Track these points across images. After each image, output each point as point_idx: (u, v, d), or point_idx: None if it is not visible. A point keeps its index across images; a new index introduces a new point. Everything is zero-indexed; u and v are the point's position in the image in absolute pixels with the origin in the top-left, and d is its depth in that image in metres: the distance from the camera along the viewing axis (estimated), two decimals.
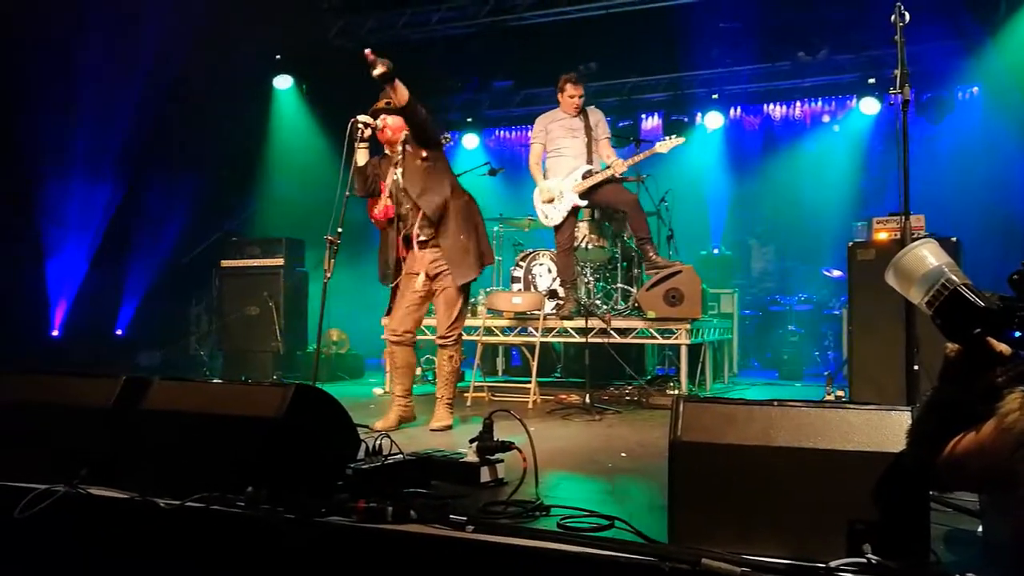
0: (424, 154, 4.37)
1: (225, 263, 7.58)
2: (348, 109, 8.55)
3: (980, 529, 2.24)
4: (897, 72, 3.28)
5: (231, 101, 8.05)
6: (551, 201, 6.18)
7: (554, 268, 6.62)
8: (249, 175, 8.62)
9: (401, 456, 2.81)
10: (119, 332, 7.82)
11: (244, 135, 8.60)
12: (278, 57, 9.02)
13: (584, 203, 6.10)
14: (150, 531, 2.54)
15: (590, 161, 6.16)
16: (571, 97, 6.17)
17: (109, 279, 7.67)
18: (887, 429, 2.04)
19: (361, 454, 2.87)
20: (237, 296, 7.40)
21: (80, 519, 2.63)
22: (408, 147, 4.41)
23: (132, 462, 2.77)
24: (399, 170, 4.43)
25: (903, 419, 2.01)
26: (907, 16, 3.38)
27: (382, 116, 4.38)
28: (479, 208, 4.61)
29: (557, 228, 6.23)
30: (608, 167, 6.04)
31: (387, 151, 4.49)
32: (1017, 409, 1.56)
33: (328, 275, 4.07)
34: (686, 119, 9.30)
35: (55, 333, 7.36)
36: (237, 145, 8.38)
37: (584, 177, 6.09)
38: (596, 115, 6.31)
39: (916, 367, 3.19)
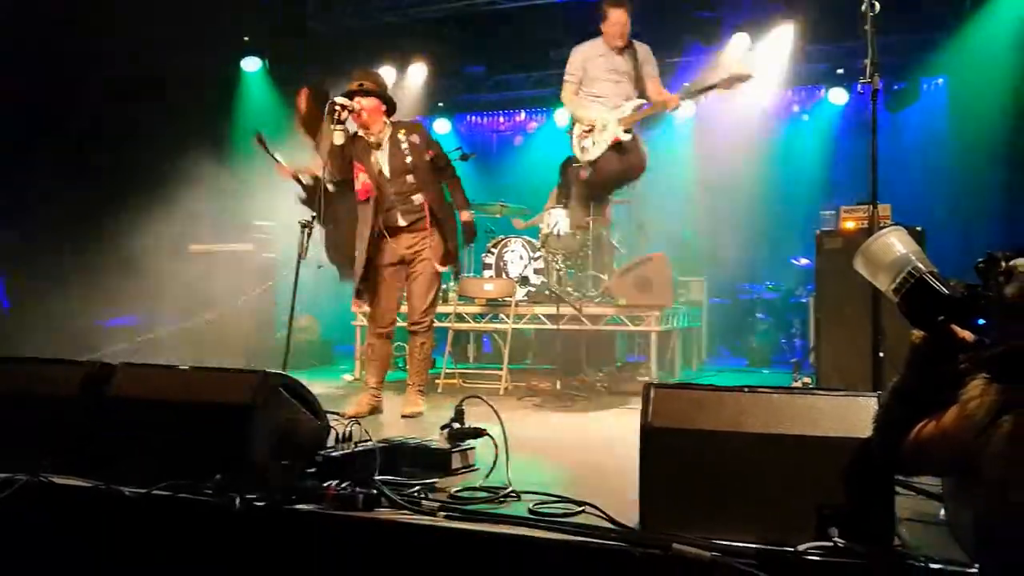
0: (431, 154, 4.47)
1: (194, 248, 7.46)
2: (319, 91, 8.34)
3: (942, 513, 2.29)
4: (867, 62, 3.31)
5: (197, 83, 7.90)
6: (590, 131, 5.56)
7: (525, 254, 6.61)
8: (214, 158, 8.48)
9: (371, 443, 2.80)
10: None
11: (210, 117, 8.44)
12: (246, 39, 8.86)
13: (628, 137, 5.43)
14: (116, 520, 2.50)
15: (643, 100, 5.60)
16: (614, 25, 5.40)
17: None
18: (854, 415, 2.07)
19: (331, 441, 2.86)
20: (208, 281, 7.28)
21: (43, 508, 2.58)
22: (411, 139, 4.43)
23: (97, 450, 2.72)
24: (383, 155, 4.41)
25: (870, 405, 2.04)
26: (877, 6, 3.42)
27: (357, 98, 4.34)
28: None
29: (591, 163, 5.63)
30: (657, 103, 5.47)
31: (361, 133, 4.45)
32: (978, 396, 1.59)
33: (304, 257, 4.03)
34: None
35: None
36: (203, 127, 8.23)
37: (635, 110, 5.50)
38: (643, 50, 5.56)
39: (882, 354, 3.25)
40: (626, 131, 5.42)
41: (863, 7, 3.45)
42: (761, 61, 7.99)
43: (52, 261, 6.91)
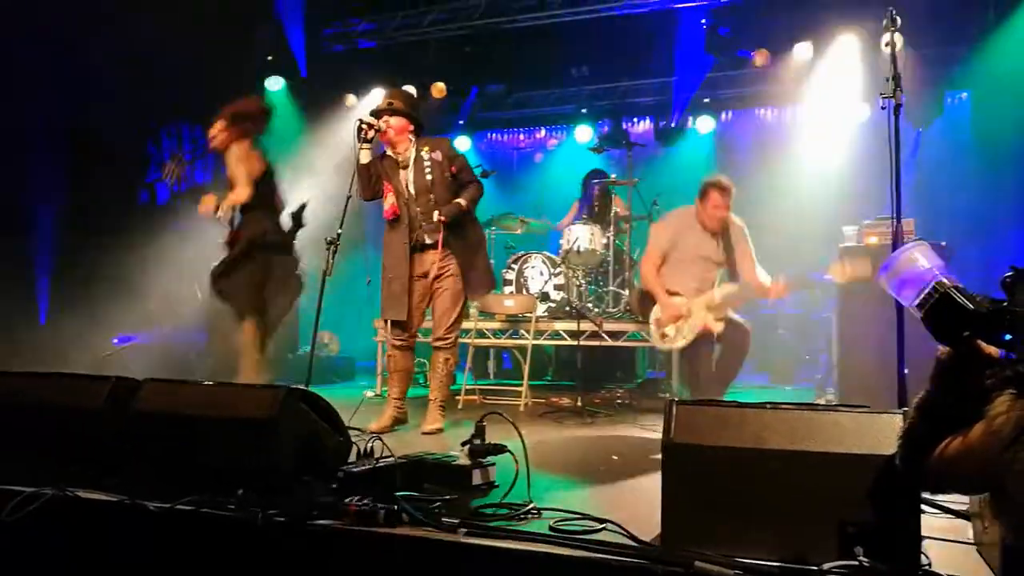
0: (453, 169, 4.45)
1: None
2: (340, 111, 8.50)
3: (970, 532, 2.25)
4: (889, 77, 3.29)
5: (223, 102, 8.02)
6: (677, 319, 4.90)
7: (545, 270, 6.62)
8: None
9: (392, 459, 2.80)
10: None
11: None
12: (269, 58, 8.99)
13: (720, 328, 4.77)
14: (140, 535, 2.52)
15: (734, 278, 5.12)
16: (716, 209, 4.90)
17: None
18: (879, 432, 2.04)
19: (352, 457, 2.87)
20: None
21: (69, 522, 2.61)
22: (433, 156, 4.43)
23: (122, 464, 2.75)
24: (409, 174, 4.44)
25: (895, 422, 2.02)
26: (899, 21, 3.40)
27: (385, 117, 4.39)
28: None
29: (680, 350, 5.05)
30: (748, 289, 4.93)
31: (389, 152, 4.49)
32: (1005, 411, 1.57)
33: (329, 274, 4.06)
34: (677, 123, 9.34)
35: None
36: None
37: (726, 298, 4.91)
38: (738, 228, 5.04)
39: (907, 371, 3.21)
40: (719, 319, 4.80)
41: (884, 21, 3.44)
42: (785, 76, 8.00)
43: (77, 276, 7.03)
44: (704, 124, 9.23)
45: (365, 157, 4.40)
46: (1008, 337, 1.70)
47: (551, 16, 8.14)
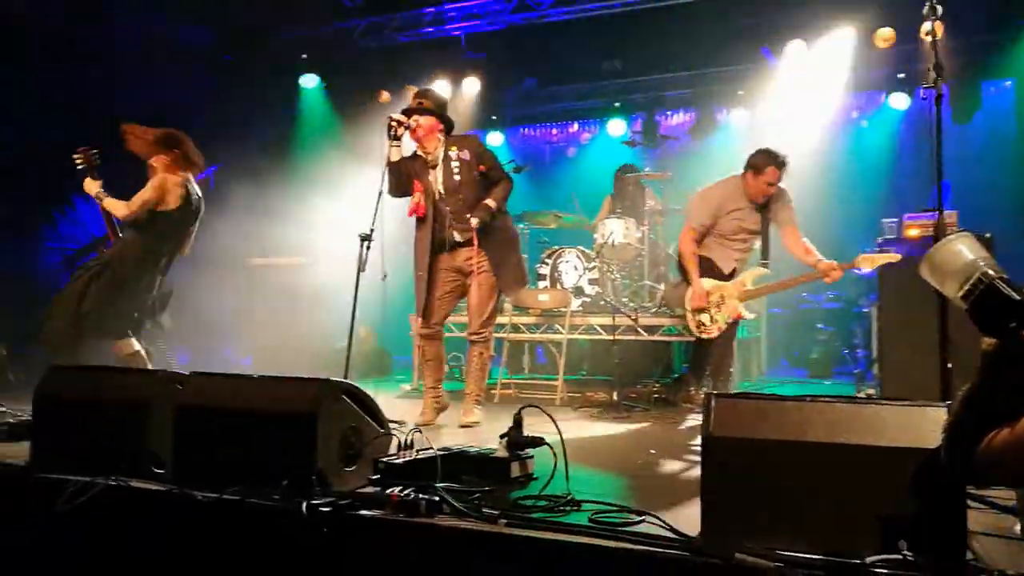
0: (482, 168, 4.46)
1: (254, 262, 7.67)
2: (373, 108, 8.55)
3: (1018, 527, 2.22)
4: (930, 66, 3.24)
5: (259, 100, 8.14)
6: (702, 310, 4.92)
7: (579, 264, 6.62)
8: (276, 173, 8.70)
9: (432, 451, 2.84)
10: None
11: (272, 134, 8.68)
12: (304, 56, 9.09)
13: (752, 316, 4.93)
14: (188, 523, 2.59)
15: (765, 258, 5.01)
16: (765, 184, 4.83)
17: None
18: (922, 425, 2.03)
19: (392, 449, 2.91)
20: (267, 293, 7.49)
21: (120, 511, 2.68)
22: (461, 156, 4.45)
23: (170, 456, 2.82)
24: (439, 173, 4.47)
25: (939, 415, 2.00)
26: (939, 10, 3.35)
27: (415, 116, 4.42)
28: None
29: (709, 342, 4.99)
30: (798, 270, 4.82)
31: (419, 151, 4.53)
32: None
33: (363, 269, 4.11)
34: (712, 116, 9.27)
35: None
36: (264, 144, 8.47)
37: (757, 282, 4.89)
38: (782, 195, 4.93)
39: (950, 364, 3.16)
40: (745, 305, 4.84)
41: (925, 10, 3.38)
42: (818, 66, 7.89)
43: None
44: (739, 117, 9.15)
45: (395, 155, 4.44)
46: None
47: (582, 10, 8.13)
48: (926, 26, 3.43)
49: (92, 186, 4.82)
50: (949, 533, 1.94)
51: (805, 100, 8.46)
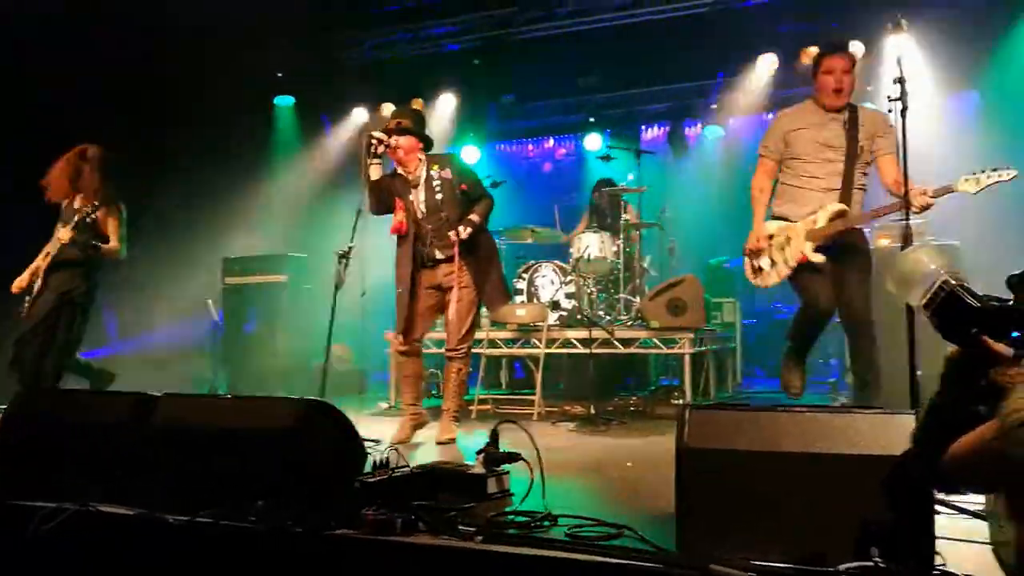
0: (464, 187, 4.48)
1: (228, 280, 7.62)
2: (350, 125, 8.48)
3: (986, 532, 2.25)
4: (896, 80, 3.31)
5: (232, 120, 8.10)
6: (758, 253, 4.28)
7: (556, 279, 6.64)
8: (252, 193, 8.66)
9: (408, 469, 2.82)
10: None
11: (246, 153, 8.65)
12: (279, 75, 9.08)
13: (821, 259, 4.01)
14: (160, 548, 2.55)
15: (847, 194, 4.02)
16: (827, 74, 4.01)
17: None
18: (892, 433, 2.05)
19: (368, 467, 2.89)
20: (240, 313, 7.43)
21: (91, 537, 2.64)
22: (443, 175, 4.47)
23: (142, 479, 2.78)
24: (420, 193, 4.48)
25: (908, 422, 2.02)
26: (904, 24, 3.42)
27: (395, 136, 4.43)
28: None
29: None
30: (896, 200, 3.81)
31: (400, 170, 4.53)
32: (1019, 408, 1.58)
33: (341, 286, 4.10)
34: (687, 130, 9.36)
35: None
36: (240, 163, 8.43)
37: (832, 219, 4.00)
38: (874, 117, 4.08)
39: (920, 372, 3.21)
40: (818, 248, 4.01)
41: (891, 25, 3.46)
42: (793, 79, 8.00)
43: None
44: (713, 131, 9.26)
45: (375, 172, 4.44)
46: (1016, 334, 1.70)
47: (559, 26, 8.21)
48: (892, 40, 3.50)
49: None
50: (918, 540, 1.96)
51: (774, 114, 8.57)
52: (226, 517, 2.48)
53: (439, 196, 4.45)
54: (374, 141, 4.36)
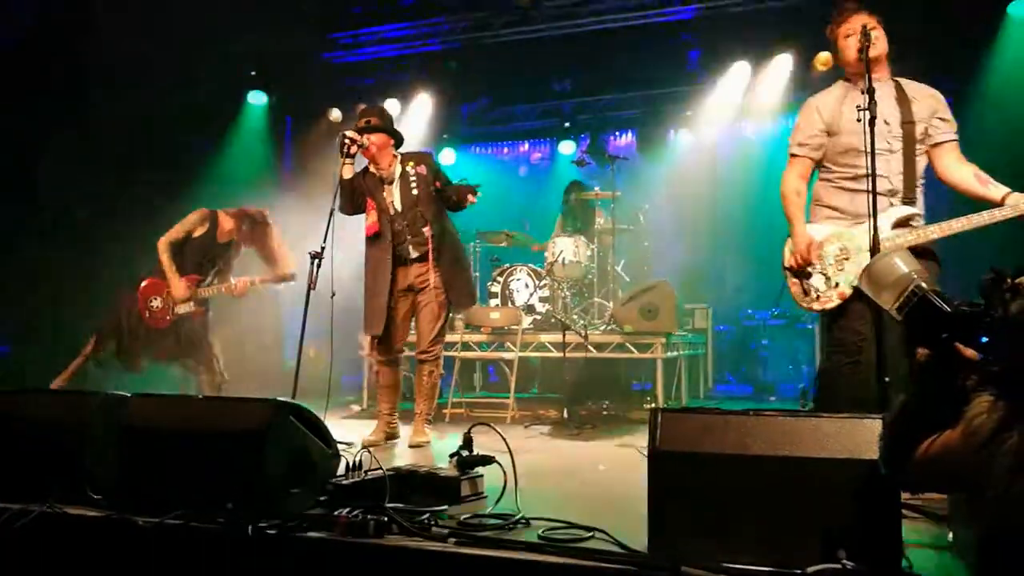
0: (438, 184, 4.48)
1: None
2: (323, 125, 8.44)
3: (950, 536, 2.30)
4: (863, 90, 3.36)
5: (202, 117, 8.02)
6: (805, 270, 3.31)
7: (531, 283, 6.66)
8: (220, 193, 8.57)
9: (381, 471, 2.81)
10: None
11: (215, 151, 8.55)
12: (252, 73, 9.00)
13: None
14: (128, 550, 2.52)
15: (911, 193, 3.23)
16: (848, 37, 3.33)
17: None
18: (860, 437, 2.09)
19: (341, 470, 2.87)
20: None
21: (56, 539, 2.59)
22: (419, 171, 4.47)
23: (111, 480, 2.74)
24: (395, 190, 4.47)
25: (875, 427, 2.06)
26: (873, 36, 3.47)
27: (367, 135, 4.42)
28: None
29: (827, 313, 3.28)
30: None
31: (372, 168, 4.52)
32: (984, 412, 1.61)
33: (313, 287, 4.07)
34: (660, 136, 9.44)
35: None
36: (208, 161, 8.34)
37: (899, 224, 3.19)
38: (922, 91, 3.34)
39: (888, 379, 3.25)
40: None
41: (860, 36, 3.51)
42: (760, 88, 8.10)
43: (48, 291, 6.94)
44: (686, 137, 9.34)
45: (348, 172, 4.44)
46: (985, 340, 1.74)
47: (534, 31, 8.23)
48: (861, 51, 3.54)
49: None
50: (885, 542, 2.00)
51: (748, 121, 8.68)
52: (196, 519, 2.45)
53: (415, 192, 4.45)
54: (347, 141, 4.35)
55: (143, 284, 5.17)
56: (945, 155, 3.29)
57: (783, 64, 7.95)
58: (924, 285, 1.87)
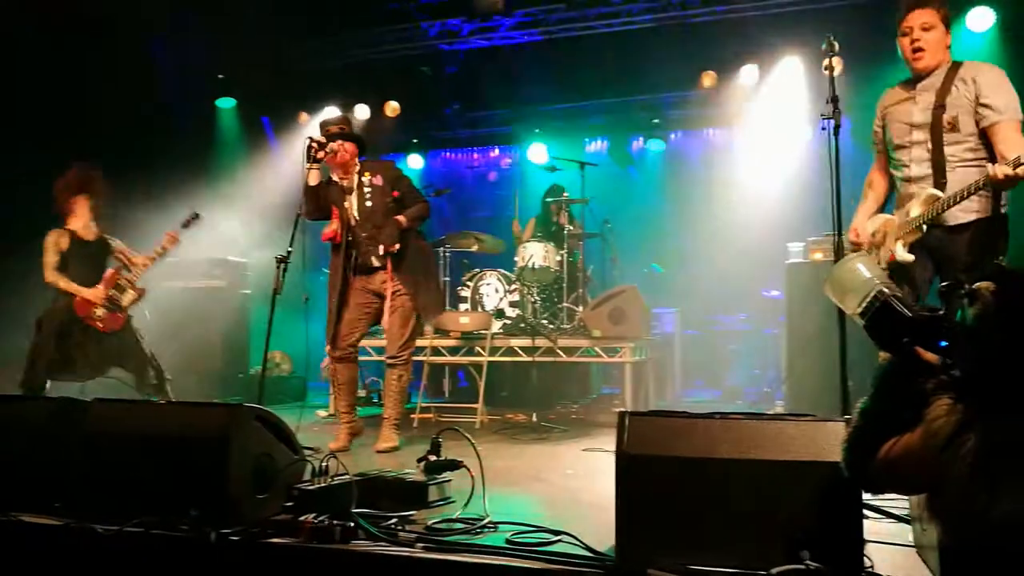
0: (395, 194, 4.47)
1: (164, 284, 7.41)
2: (293, 129, 8.40)
3: (910, 536, 2.33)
4: (829, 98, 3.42)
5: (172, 121, 7.92)
6: (860, 248, 3.50)
7: (500, 287, 6.65)
8: (191, 196, 8.45)
9: (348, 476, 2.79)
10: None
11: (185, 155, 8.44)
12: (220, 77, 8.91)
13: (910, 258, 3.23)
14: (89, 559, 2.46)
15: (941, 178, 3.23)
16: (903, 36, 3.35)
17: None
18: (823, 439, 2.11)
19: (307, 475, 2.84)
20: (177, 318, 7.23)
21: (15, 548, 2.53)
22: (374, 181, 4.47)
23: (71, 487, 2.68)
24: (354, 199, 4.48)
25: (838, 429, 2.09)
26: (836, 45, 3.54)
27: (338, 141, 4.40)
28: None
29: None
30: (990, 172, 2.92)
31: (335, 177, 4.50)
32: (943, 415, 1.64)
33: (279, 292, 4.03)
34: (630, 142, 9.51)
35: None
36: (178, 165, 8.23)
37: (925, 206, 3.22)
38: (976, 72, 3.22)
39: (851, 383, 3.31)
40: (912, 248, 3.26)
41: (824, 46, 3.57)
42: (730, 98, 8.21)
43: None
44: (655, 144, 9.41)
45: (314, 178, 4.43)
46: (945, 344, 1.78)
47: (504, 37, 8.25)
48: (826, 61, 3.61)
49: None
50: (847, 543, 2.03)
51: (719, 129, 8.78)
52: (158, 526, 2.41)
53: (369, 203, 4.46)
54: (314, 146, 4.33)
55: (76, 302, 4.98)
56: (995, 139, 3.14)
57: (749, 74, 8.07)
58: (886, 290, 1.90)
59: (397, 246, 4.39)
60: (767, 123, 8.42)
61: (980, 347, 1.66)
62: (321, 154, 4.35)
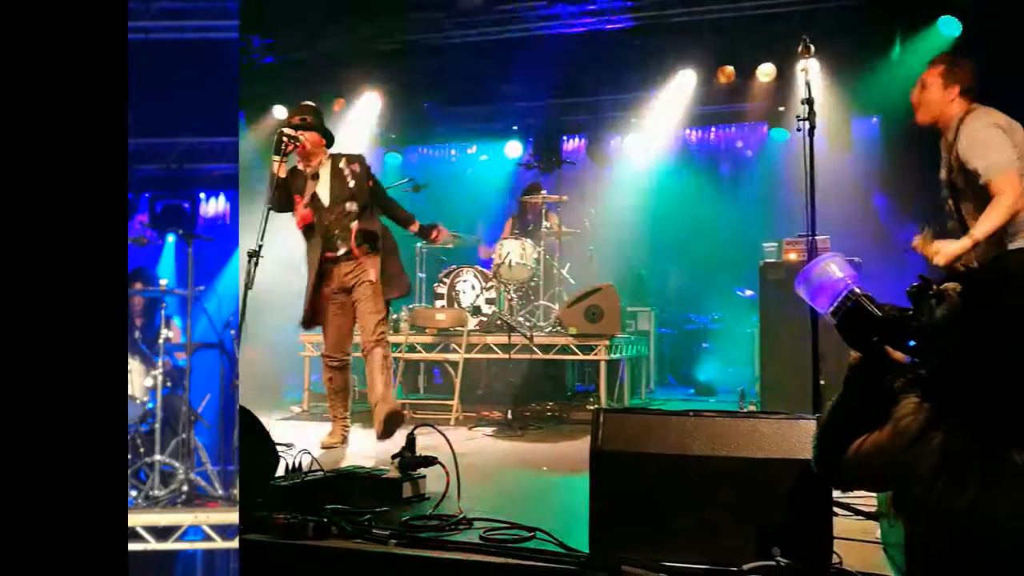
0: (370, 183, 4.58)
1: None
2: (268, 122, 8.34)
3: (878, 532, 2.37)
4: (803, 101, 3.45)
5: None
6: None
7: (477, 284, 6.65)
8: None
9: (321, 473, 2.78)
10: None
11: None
12: None
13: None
14: None
15: (965, 229, 3.20)
16: (926, 100, 3.43)
17: None
18: (795, 437, 2.14)
19: (281, 471, 2.83)
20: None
21: None
22: (352, 168, 4.53)
23: None
24: (324, 186, 4.51)
25: (809, 427, 2.12)
26: (812, 48, 3.57)
27: (302, 132, 4.39)
28: None
29: None
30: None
31: (300, 165, 4.55)
32: (911, 413, 1.68)
33: (251, 287, 3.99)
34: (606, 142, 9.53)
35: None
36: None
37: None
38: (960, 137, 3.23)
39: (822, 381, 3.35)
40: None
41: (799, 48, 3.61)
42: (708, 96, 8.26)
43: None
44: (632, 143, 9.44)
45: (284, 171, 4.42)
46: (913, 344, 1.81)
47: (482, 34, 8.24)
48: (800, 63, 3.65)
49: None
50: (817, 539, 2.06)
51: (692, 129, 8.83)
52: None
53: (352, 184, 4.50)
54: (285, 139, 4.33)
55: None
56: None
57: (725, 74, 8.11)
58: (857, 290, 1.93)
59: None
60: (741, 123, 8.50)
61: (947, 347, 1.69)
62: (292, 147, 4.36)
